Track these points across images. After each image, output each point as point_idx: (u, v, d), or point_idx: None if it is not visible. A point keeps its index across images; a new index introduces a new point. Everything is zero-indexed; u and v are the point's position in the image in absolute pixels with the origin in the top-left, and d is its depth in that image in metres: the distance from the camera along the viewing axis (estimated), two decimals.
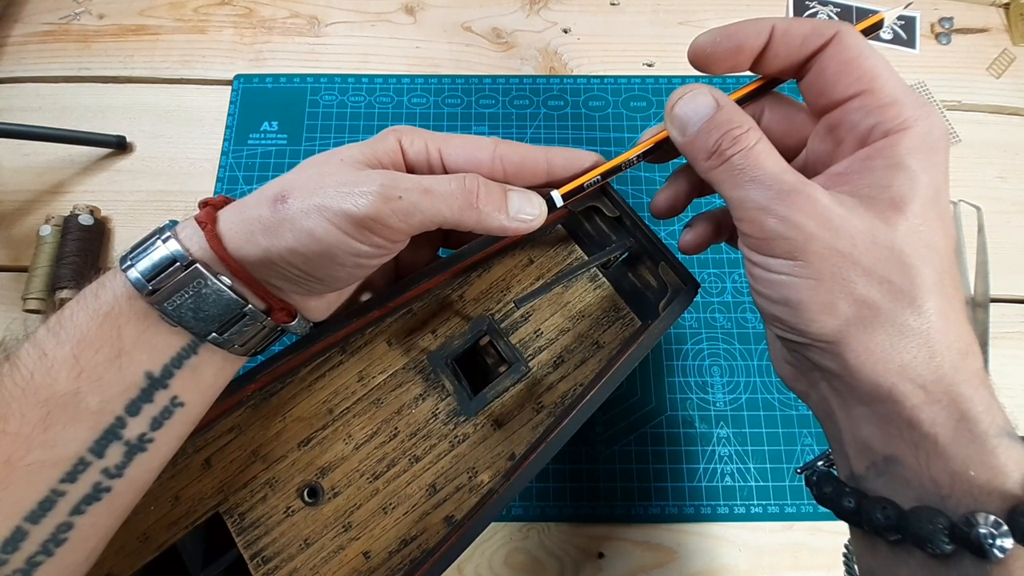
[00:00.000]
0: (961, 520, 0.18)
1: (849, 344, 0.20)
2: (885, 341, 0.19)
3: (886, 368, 0.19)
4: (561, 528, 0.37)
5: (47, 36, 0.49)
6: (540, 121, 0.47)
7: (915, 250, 0.20)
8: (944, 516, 0.18)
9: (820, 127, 0.24)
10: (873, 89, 0.21)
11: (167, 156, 0.45)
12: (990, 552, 0.17)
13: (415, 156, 0.26)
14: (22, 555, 0.19)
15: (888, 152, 0.20)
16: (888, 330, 0.19)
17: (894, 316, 0.19)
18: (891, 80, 0.21)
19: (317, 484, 0.28)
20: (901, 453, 0.20)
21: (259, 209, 0.22)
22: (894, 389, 0.19)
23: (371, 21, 0.51)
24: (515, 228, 0.25)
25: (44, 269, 0.40)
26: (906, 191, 0.20)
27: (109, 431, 0.21)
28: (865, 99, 0.21)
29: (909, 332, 0.19)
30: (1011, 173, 0.46)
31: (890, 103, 0.21)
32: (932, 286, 0.19)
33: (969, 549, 0.17)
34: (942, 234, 0.20)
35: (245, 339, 0.24)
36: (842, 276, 0.20)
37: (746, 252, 0.22)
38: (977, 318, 0.41)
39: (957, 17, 0.51)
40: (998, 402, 0.19)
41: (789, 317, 0.21)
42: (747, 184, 0.21)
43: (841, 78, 0.22)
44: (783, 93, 0.26)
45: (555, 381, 0.31)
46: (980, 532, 0.17)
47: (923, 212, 0.20)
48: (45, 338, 0.21)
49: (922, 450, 0.19)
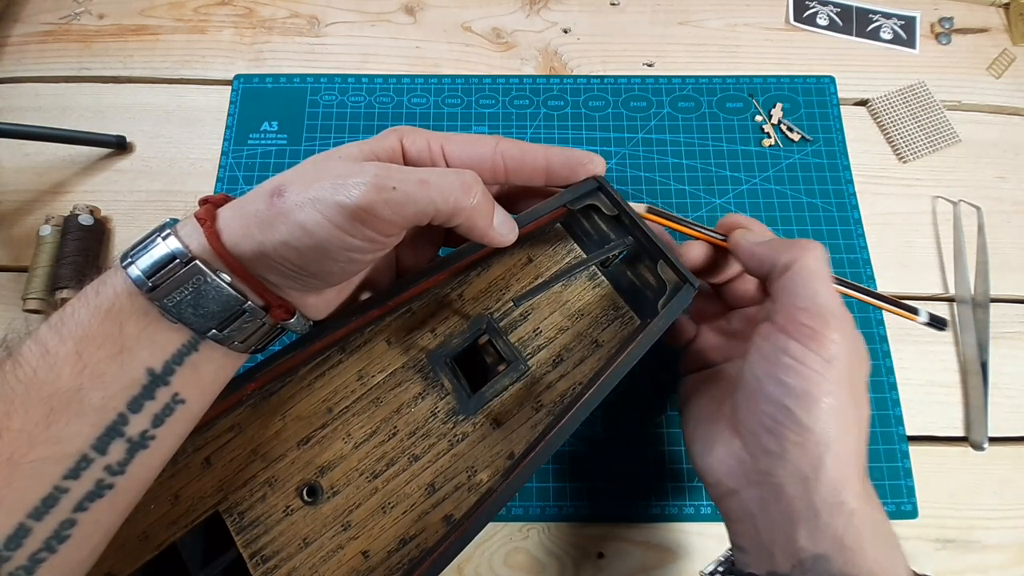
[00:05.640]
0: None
1: (832, 447, 0.24)
2: (855, 450, 0.24)
3: (846, 474, 0.24)
4: (561, 528, 0.37)
5: (47, 36, 0.49)
6: (540, 121, 0.47)
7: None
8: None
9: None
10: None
11: (167, 156, 0.45)
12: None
13: (417, 154, 0.26)
14: (25, 552, 0.19)
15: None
16: (859, 443, 0.25)
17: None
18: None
19: (316, 483, 0.28)
20: (831, 552, 0.23)
21: (256, 204, 0.22)
22: (845, 493, 0.24)
23: (371, 21, 0.51)
24: (493, 237, 0.26)
25: (44, 269, 0.40)
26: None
27: (111, 428, 0.21)
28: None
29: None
30: (1011, 173, 0.46)
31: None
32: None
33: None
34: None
35: (245, 336, 0.24)
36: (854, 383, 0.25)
37: (780, 339, 0.25)
38: (977, 318, 0.41)
39: (957, 17, 0.51)
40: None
41: (799, 409, 0.24)
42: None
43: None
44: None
45: (554, 380, 0.31)
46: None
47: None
48: (47, 335, 0.21)
49: (847, 550, 0.23)
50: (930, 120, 0.47)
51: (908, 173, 0.46)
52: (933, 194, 0.45)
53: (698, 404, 0.30)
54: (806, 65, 0.49)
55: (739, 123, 0.47)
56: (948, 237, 0.44)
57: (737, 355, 0.31)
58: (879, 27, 0.51)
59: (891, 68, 0.49)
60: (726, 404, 0.28)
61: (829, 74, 0.49)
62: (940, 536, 0.37)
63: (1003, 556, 0.37)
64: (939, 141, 0.46)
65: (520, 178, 0.28)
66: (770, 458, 0.25)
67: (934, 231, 0.44)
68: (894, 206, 0.45)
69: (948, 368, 0.41)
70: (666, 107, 0.47)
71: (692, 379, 0.32)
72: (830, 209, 0.44)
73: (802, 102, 0.48)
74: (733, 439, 0.27)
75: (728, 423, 0.27)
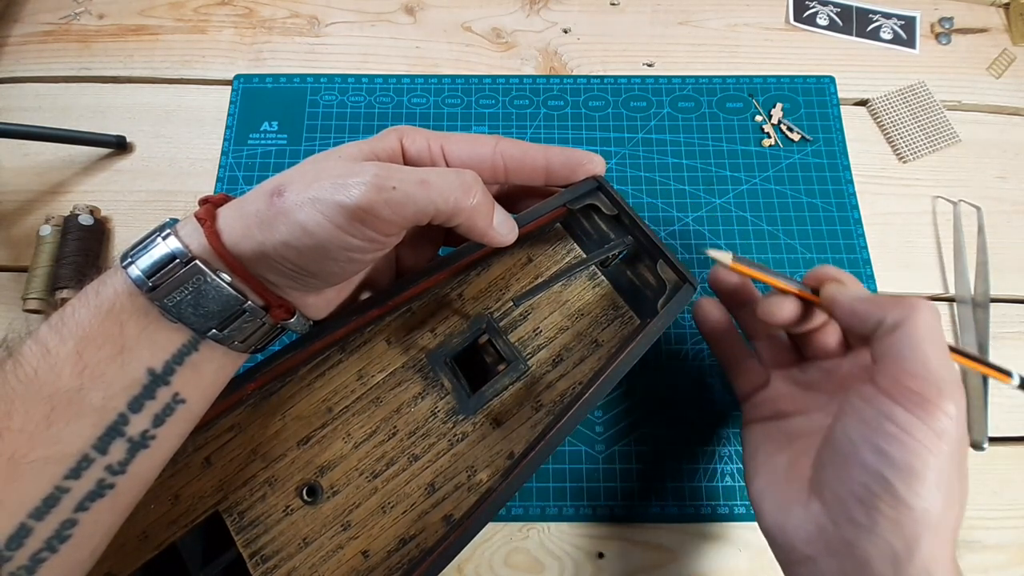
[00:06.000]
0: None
1: (931, 527, 0.22)
2: (953, 529, 0.23)
3: (941, 554, 0.22)
4: (561, 528, 0.37)
5: (47, 36, 0.49)
6: (540, 121, 0.47)
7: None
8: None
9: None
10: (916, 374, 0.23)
11: (167, 156, 0.45)
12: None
13: (416, 153, 0.26)
14: (26, 552, 0.19)
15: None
16: (958, 521, 0.23)
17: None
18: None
19: (316, 483, 0.28)
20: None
21: (256, 204, 0.22)
22: (937, 574, 0.22)
23: (371, 21, 0.51)
24: (493, 237, 0.26)
25: (44, 269, 0.40)
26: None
27: (112, 428, 0.21)
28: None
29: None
30: (1011, 173, 0.46)
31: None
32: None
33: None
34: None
35: (245, 335, 0.24)
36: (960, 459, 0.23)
37: (884, 404, 0.23)
38: (977, 318, 0.41)
39: (957, 17, 0.51)
40: None
41: (899, 482, 0.22)
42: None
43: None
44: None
45: (554, 379, 0.31)
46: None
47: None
48: (48, 335, 0.21)
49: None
50: (930, 120, 0.47)
51: (908, 173, 0.46)
52: (933, 194, 0.45)
53: (769, 458, 0.28)
54: (806, 65, 0.49)
55: (739, 123, 0.47)
56: (948, 237, 0.44)
57: (813, 408, 0.29)
58: (879, 27, 0.51)
59: (891, 68, 0.49)
60: (802, 462, 0.26)
61: (829, 74, 0.49)
62: None
63: (1003, 556, 0.37)
64: (939, 141, 0.46)
65: (520, 178, 0.28)
66: (857, 529, 0.23)
67: (934, 231, 0.44)
68: (894, 206, 0.45)
69: None
70: (666, 107, 0.47)
71: (759, 428, 0.30)
72: (830, 209, 0.44)
73: (802, 102, 0.48)
74: (812, 502, 0.25)
75: (807, 484, 0.25)
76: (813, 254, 0.43)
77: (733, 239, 0.43)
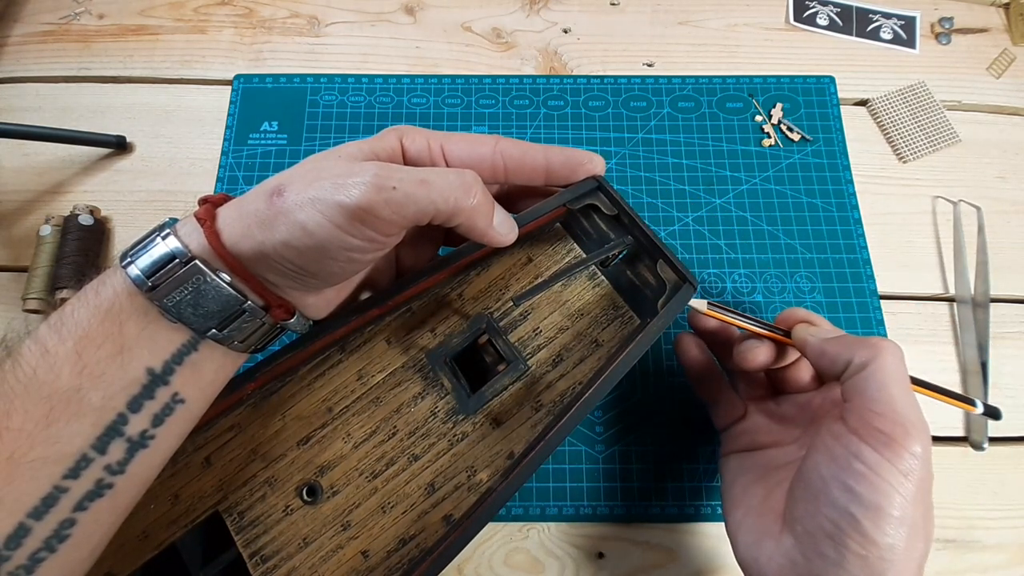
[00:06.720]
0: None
1: (896, 564, 0.23)
2: (919, 565, 0.24)
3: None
4: (561, 528, 0.37)
5: (47, 36, 0.49)
6: (540, 121, 0.47)
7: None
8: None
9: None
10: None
11: (167, 156, 0.45)
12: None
13: (416, 153, 0.26)
14: (25, 551, 0.19)
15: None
16: (923, 558, 0.24)
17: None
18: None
19: (316, 483, 0.28)
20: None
21: (256, 203, 0.22)
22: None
23: (371, 21, 0.51)
24: (493, 237, 0.26)
25: (44, 269, 0.40)
26: None
27: (111, 427, 0.21)
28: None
29: None
30: (1011, 173, 0.46)
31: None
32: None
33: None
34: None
35: (245, 335, 0.24)
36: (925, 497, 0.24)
37: (852, 443, 0.24)
38: (977, 318, 0.41)
39: (957, 17, 0.51)
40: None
41: (866, 520, 0.23)
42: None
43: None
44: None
45: (554, 379, 0.31)
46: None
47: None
48: (47, 335, 0.21)
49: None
50: (930, 120, 0.47)
51: (908, 173, 0.46)
52: (933, 194, 0.45)
53: (744, 489, 0.29)
54: (806, 65, 0.49)
55: (739, 123, 0.47)
56: (948, 237, 0.44)
57: (788, 440, 0.30)
58: (879, 27, 0.51)
59: (891, 68, 0.49)
60: (776, 494, 0.27)
61: (829, 74, 0.49)
62: (940, 536, 0.37)
63: (1003, 556, 0.37)
64: (939, 141, 0.46)
65: (520, 178, 0.28)
66: (826, 564, 0.24)
67: (934, 231, 0.44)
68: (894, 206, 0.45)
69: (948, 368, 0.41)
70: (666, 107, 0.47)
71: (736, 459, 0.31)
72: (830, 209, 0.44)
73: (802, 102, 0.48)
74: (784, 536, 0.25)
75: (780, 518, 0.26)
76: (813, 254, 0.43)
77: (733, 239, 0.43)
